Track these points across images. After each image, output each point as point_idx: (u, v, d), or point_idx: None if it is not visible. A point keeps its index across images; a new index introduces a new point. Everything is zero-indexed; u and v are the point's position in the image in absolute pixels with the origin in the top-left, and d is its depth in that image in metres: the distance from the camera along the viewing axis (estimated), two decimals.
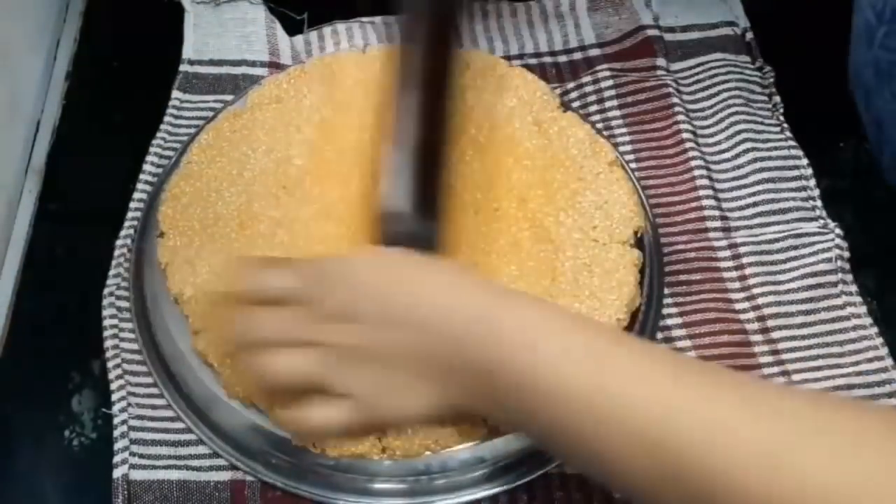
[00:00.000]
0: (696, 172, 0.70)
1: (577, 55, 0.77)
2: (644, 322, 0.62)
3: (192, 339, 0.60)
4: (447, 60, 0.62)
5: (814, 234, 0.67)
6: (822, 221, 0.68)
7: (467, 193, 0.64)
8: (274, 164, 0.66)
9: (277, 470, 0.58)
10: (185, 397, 0.61)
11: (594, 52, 0.77)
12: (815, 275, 0.66)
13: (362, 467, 0.57)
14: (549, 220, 0.63)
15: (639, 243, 0.63)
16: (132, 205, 0.69)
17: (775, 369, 0.63)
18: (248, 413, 0.58)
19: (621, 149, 0.72)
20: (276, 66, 0.76)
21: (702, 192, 0.69)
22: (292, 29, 0.79)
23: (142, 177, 0.70)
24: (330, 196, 0.64)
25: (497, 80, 0.69)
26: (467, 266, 0.58)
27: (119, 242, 0.67)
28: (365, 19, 0.79)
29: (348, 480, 0.57)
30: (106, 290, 0.65)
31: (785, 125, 0.73)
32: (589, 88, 0.74)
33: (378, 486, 0.57)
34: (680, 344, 0.64)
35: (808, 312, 0.65)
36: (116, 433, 0.60)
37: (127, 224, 0.68)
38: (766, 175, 0.70)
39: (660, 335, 0.64)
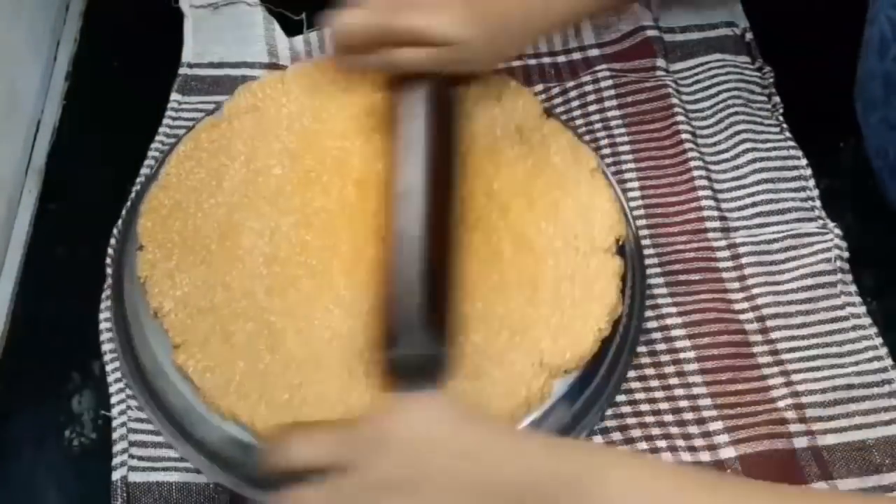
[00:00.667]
0: (696, 173, 0.70)
1: (577, 55, 0.77)
2: (626, 331, 0.62)
3: (173, 353, 0.59)
4: (449, 162, 0.63)
5: (813, 234, 0.67)
6: (821, 222, 0.68)
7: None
8: (253, 174, 0.65)
9: (257, 483, 0.57)
10: (165, 411, 0.60)
11: (594, 52, 0.77)
12: (814, 275, 0.66)
13: None
14: (530, 229, 0.62)
15: (620, 251, 0.62)
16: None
17: (775, 369, 0.63)
18: (228, 427, 0.57)
19: (620, 149, 0.72)
20: (275, 68, 0.75)
21: (701, 193, 0.69)
22: (291, 30, 0.78)
23: (139, 179, 0.70)
24: (311, 205, 0.63)
25: (480, 88, 0.68)
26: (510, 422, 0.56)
27: (114, 241, 0.67)
28: None
29: None
30: (104, 294, 0.66)
31: (784, 126, 0.73)
32: (588, 88, 0.74)
33: None
34: (679, 344, 0.64)
35: (807, 313, 0.65)
36: (116, 435, 0.61)
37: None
38: (765, 175, 0.70)
39: (659, 335, 0.64)
